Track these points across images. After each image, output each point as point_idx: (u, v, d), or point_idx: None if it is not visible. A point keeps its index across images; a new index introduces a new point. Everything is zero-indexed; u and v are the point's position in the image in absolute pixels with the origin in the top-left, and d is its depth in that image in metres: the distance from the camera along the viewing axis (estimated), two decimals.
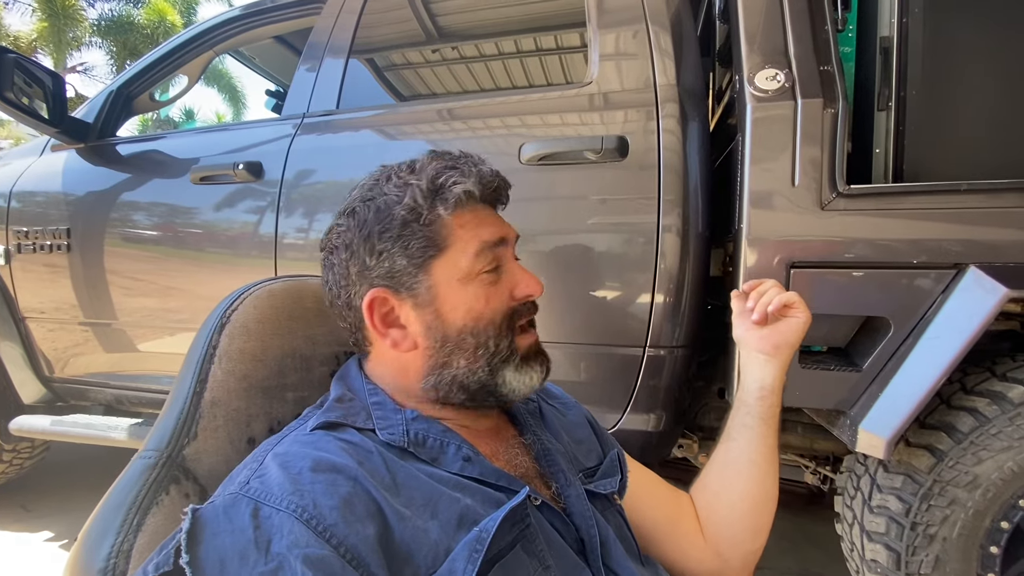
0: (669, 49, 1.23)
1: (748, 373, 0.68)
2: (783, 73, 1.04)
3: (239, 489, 0.39)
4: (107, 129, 1.74)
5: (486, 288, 0.52)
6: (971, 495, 0.95)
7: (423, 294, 0.51)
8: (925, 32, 1.03)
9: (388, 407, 0.50)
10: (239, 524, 0.37)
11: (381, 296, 0.51)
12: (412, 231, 0.50)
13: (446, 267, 0.51)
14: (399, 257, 0.50)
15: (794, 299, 0.65)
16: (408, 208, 0.50)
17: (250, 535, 0.36)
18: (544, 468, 0.54)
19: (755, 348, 0.67)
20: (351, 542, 0.37)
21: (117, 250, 1.62)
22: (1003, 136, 1.03)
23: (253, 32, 1.72)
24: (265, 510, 0.37)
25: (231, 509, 0.38)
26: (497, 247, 0.53)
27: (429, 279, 0.51)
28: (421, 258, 0.50)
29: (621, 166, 1.18)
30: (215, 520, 0.37)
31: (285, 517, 0.37)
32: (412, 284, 0.51)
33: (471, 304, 0.51)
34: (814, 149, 1.00)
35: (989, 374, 1.00)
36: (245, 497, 0.38)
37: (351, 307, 0.53)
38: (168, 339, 1.64)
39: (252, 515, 0.37)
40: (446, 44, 1.68)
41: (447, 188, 0.51)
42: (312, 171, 1.43)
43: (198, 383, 0.50)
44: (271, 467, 0.41)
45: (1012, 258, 0.93)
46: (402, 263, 0.50)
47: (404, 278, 0.51)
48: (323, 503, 0.38)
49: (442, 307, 0.51)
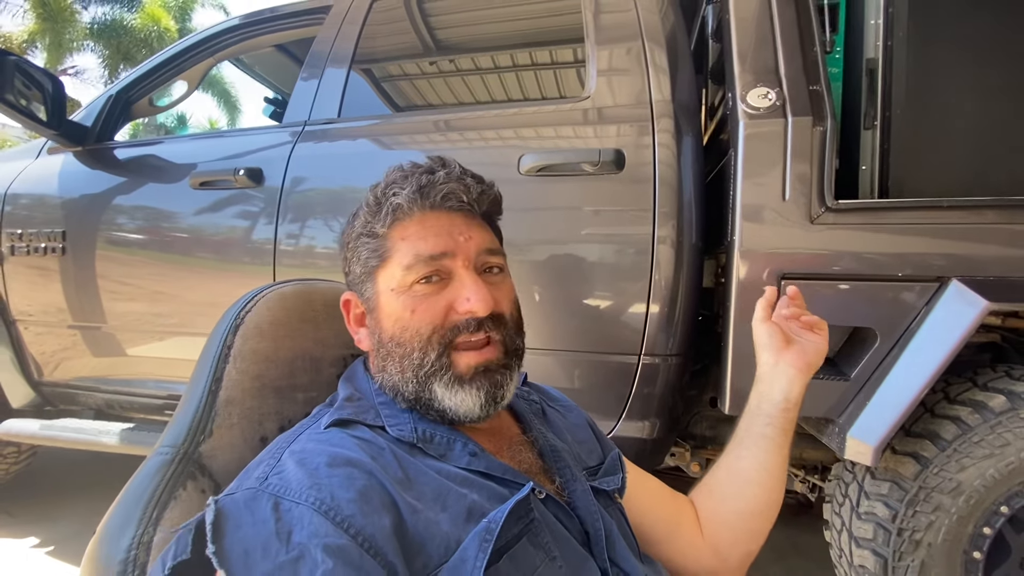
0: (664, 66, 1.27)
1: (775, 385, 0.69)
2: (774, 92, 1.08)
3: (258, 484, 0.40)
4: (105, 133, 1.74)
5: (416, 300, 0.51)
6: (955, 501, 0.97)
7: (370, 300, 0.55)
8: (909, 55, 1.07)
9: (395, 407, 0.53)
10: (261, 516, 0.38)
11: (348, 299, 0.58)
12: (362, 242, 0.55)
13: (385, 277, 0.53)
14: (355, 264, 0.56)
15: (823, 325, 0.71)
16: (362, 219, 0.55)
17: (272, 527, 0.37)
18: (549, 464, 0.56)
19: (790, 363, 0.69)
20: (368, 532, 0.38)
21: (113, 254, 1.62)
22: (983, 154, 1.07)
23: (255, 40, 1.74)
24: (285, 503, 0.39)
25: (252, 503, 0.39)
26: (439, 259, 0.52)
27: (374, 287, 0.54)
28: (366, 268, 0.55)
29: (617, 178, 1.21)
30: (237, 513, 0.38)
31: (305, 510, 0.38)
32: (364, 291, 0.56)
33: (399, 314, 0.52)
34: (804, 165, 1.04)
35: (971, 384, 1.03)
36: (265, 492, 0.40)
37: None
38: (158, 343, 1.63)
39: (273, 508, 0.38)
40: (447, 57, 1.71)
41: (385, 202, 0.53)
42: (312, 178, 1.45)
43: (213, 382, 0.51)
44: (288, 464, 0.42)
45: (992, 272, 0.97)
46: (357, 270, 0.56)
47: (360, 285, 0.56)
48: (340, 496, 0.39)
49: (379, 314, 0.54)
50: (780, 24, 1.11)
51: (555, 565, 0.45)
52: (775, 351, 0.70)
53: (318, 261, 1.41)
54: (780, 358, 0.69)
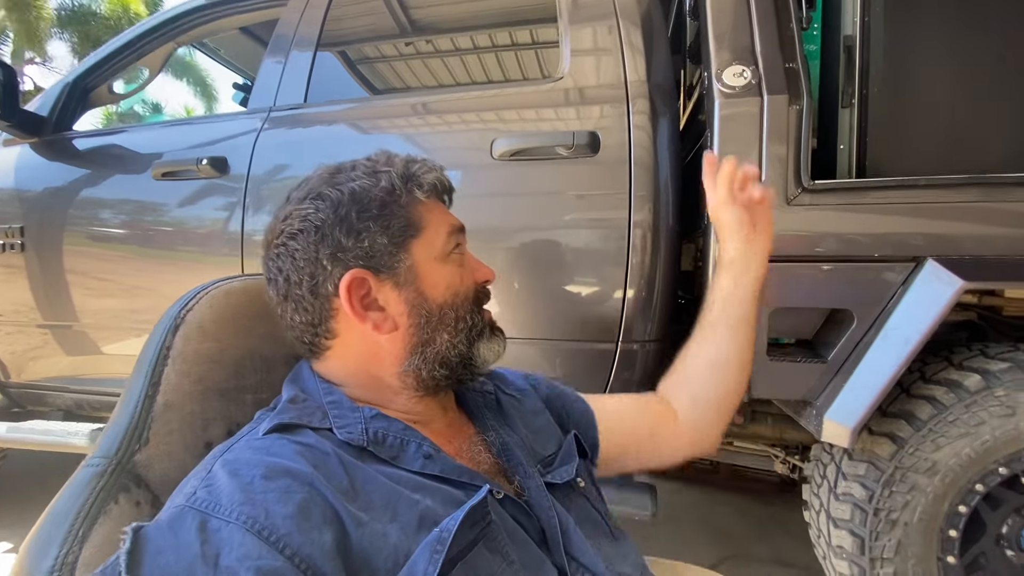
0: (640, 45, 1.23)
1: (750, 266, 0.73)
2: (750, 70, 1.05)
3: (185, 501, 0.37)
4: (63, 123, 1.67)
5: (458, 268, 0.55)
6: (930, 480, 0.98)
7: (404, 273, 0.52)
8: (886, 32, 1.05)
9: (345, 405, 0.49)
10: (185, 539, 0.35)
11: (360, 277, 0.50)
12: (392, 211, 0.52)
13: (423, 247, 0.53)
14: (380, 236, 0.51)
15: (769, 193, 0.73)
16: (386, 191, 0.52)
17: (196, 550, 0.34)
18: (504, 463, 0.54)
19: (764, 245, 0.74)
20: (306, 551, 0.36)
21: (74, 248, 1.56)
22: (960, 133, 1.06)
23: (216, 23, 1.67)
24: (213, 522, 0.36)
25: (176, 523, 0.36)
26: (459, 233, 0.57)
27: (409, 258, 0.52)
28: (401, 237, 0.52)
29: (592, 161, 1.18)
30: (159, 537, 0.35)
31: (235, 529, 0.35)
32: (392, 264, 0.51)
33: (450, 280, 0.54)
34: (780, 145, 1.02)
35: (947, 363, 1.04)
36: (192, 509, 0.37)
37: (317, 294, 0.51)
38: (125, 341, 1.58)
39: (199, 528, 0.35)
40: (417, 37, 1.65)
41: (420, 175, 0.54)
42: (279, 166, 1.40)
43: (150, 386, 0.48)
44: (220, 475, 0.39)
45: (968, 251, 0.96)
46: (383, 242, 0.51)
47: (384, 258, 0.51)
48: (276, 511, 0.36)
49: (423, 284, 0.52)
50: (756, 0, 1.08)
51: (512, 569, 0.43)
52: (745, 234, 0.73)
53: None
54: (752, 240, 0.73)
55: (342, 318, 0.52)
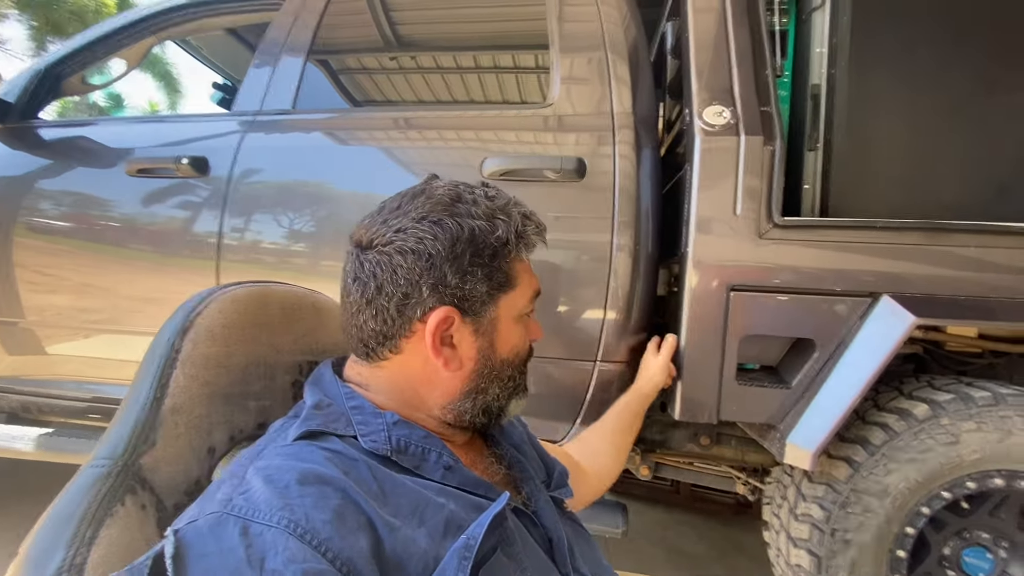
0: (626, 78, 1.30)
1: (653, 384, 1.12)
2: (729, 111, 1.12)
3: (222, 508, 0.37)
4: (31, 111, 1.60)
5: (524, 330, 0.58)
6: (882, 503, 1.04)
7: (486, 323, 0.54)
8: (850, 83, 1.15)
9: (367, 411, 0.50)
10: (228, 543, 0.35)
11: (450, 315, 0.52)
12: (498, 265, 0.54)
13: (509, 303, 0.55)
14: (481, 284, 0.53)
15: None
16: (500, 242, 0.53)
17: (241, 554, 0.34)
18: (516, 475, 0.57)
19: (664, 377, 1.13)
20: (346, 555, 0.36)
21: (33, 243, 1.49)
22: (915, 179, 1.15)
23: (202, 22, 1.65)
24: (255, 527, 0.36)
25: (217, 528, 0.36)
26: (537, 297, 0.59)
27: (496, 311, 0.54)
28: (497, 291, 0.54)
29: (578, 186, 1.22)
30: (200, 542, 0.35)
31: (278, 533, 0.35)
32: (481, 311, 0.53)
33: (515, 341, 0.57)
34: (754, 182, 1.09)
35: (898, 392, 1.11)
36: (231, 516, 0.37)
37: (403, 314, 0.51)
38: (83, 341, 1.51)
39: (242, 533, 0.35)
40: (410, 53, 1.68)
41: (530, 236, 0.56)
42: (263, 171, 1.38)
43: (159, 388, 0.47)
44: (254, 482, 0.39)
45: (919, 289, 1.04)
46: (481, 289, 0.53)
47: (476, 304, 0.53)
48: (315, 516, 0.37)
49: (496, 338, 0.55)
50: (736, 46, 1.16)
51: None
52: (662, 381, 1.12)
53: (265, 257, 1.35)
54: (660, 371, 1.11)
55: (415, 341, 0.52)
